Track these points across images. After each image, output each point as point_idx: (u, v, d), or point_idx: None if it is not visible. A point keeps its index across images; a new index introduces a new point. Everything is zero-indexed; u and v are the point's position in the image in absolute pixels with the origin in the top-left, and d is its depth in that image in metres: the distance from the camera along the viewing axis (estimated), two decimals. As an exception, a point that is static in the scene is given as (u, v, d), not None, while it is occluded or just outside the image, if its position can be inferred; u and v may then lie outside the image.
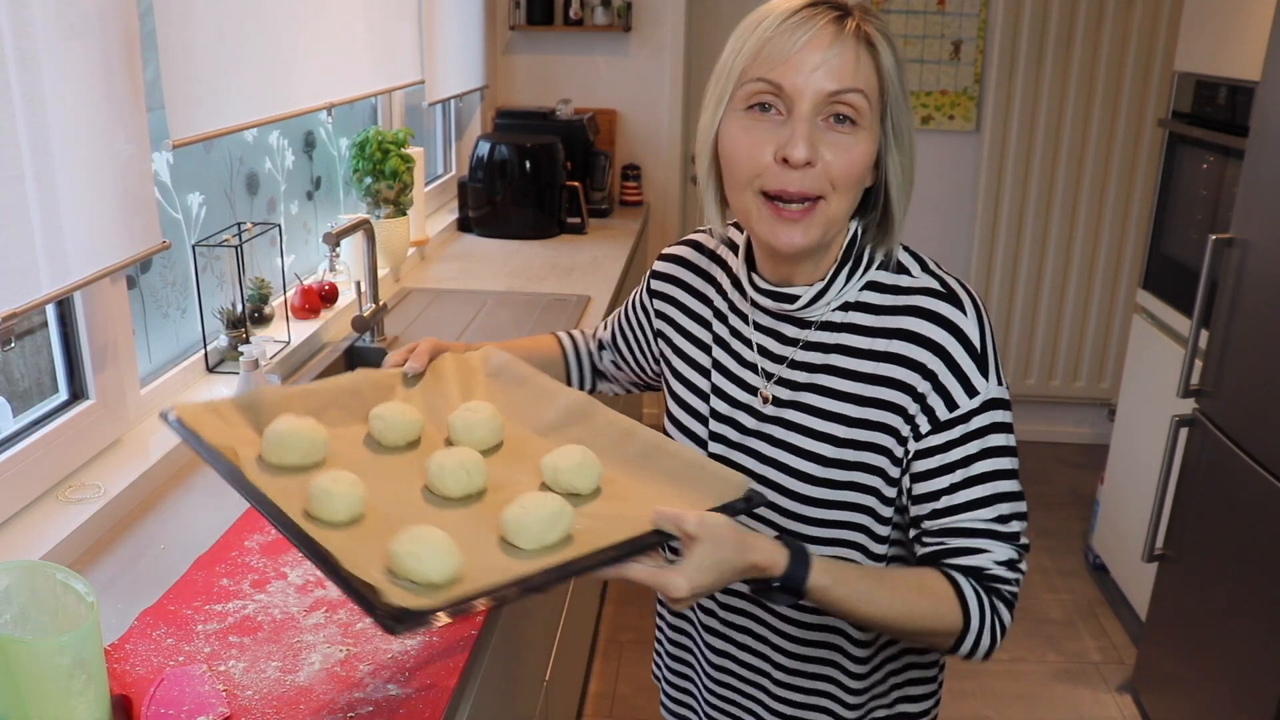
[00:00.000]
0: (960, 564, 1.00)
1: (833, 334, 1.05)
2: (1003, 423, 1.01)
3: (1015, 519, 1.01)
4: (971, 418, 0.99)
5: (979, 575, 1.00)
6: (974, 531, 1.00)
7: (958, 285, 1.03)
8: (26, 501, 1.36)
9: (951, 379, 0.99)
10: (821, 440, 1.04)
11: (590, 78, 3.68)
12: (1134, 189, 3.73)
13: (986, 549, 1.00)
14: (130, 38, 1.43)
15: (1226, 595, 2.17)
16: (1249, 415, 2.11)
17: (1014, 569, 1.01)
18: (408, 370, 1.20)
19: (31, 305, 1.26)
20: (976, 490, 1.00)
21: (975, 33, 3.64)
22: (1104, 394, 3.97)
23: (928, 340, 1.00)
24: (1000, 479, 1.00)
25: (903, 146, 1.00)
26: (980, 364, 0.99)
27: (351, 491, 0.97)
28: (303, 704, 1.03)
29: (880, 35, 0.97)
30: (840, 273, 1.04)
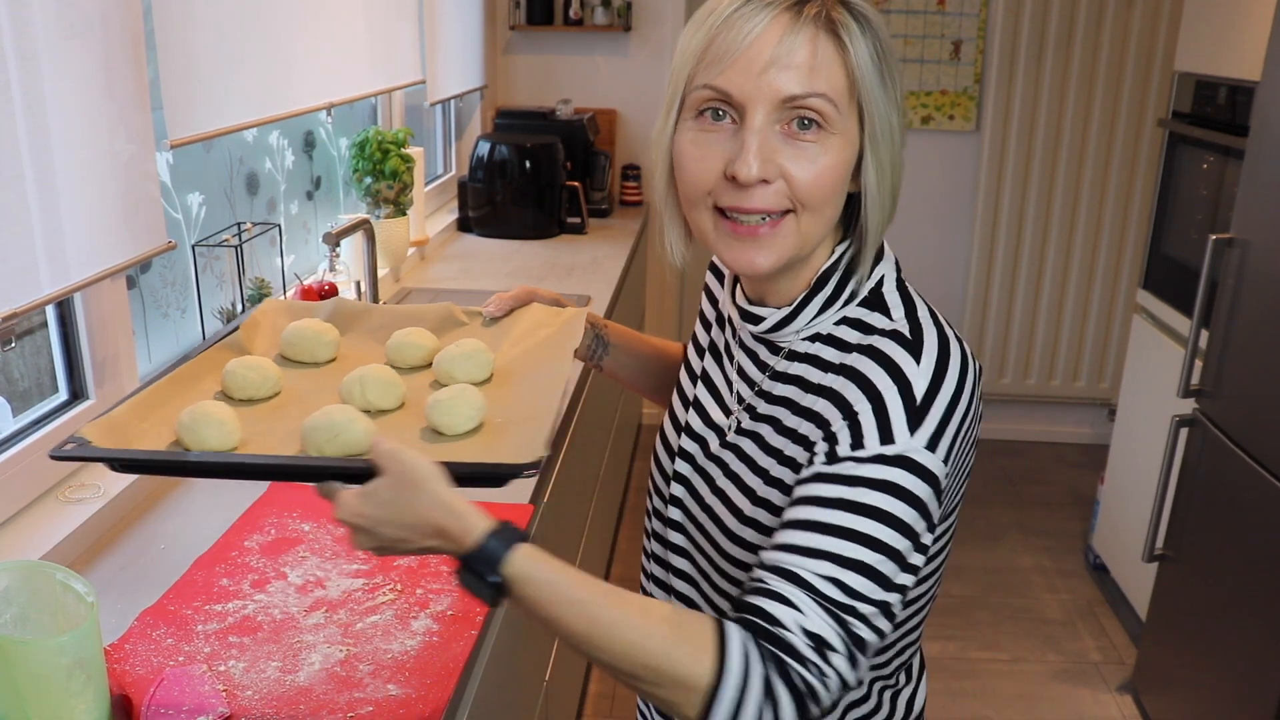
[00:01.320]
0: (755, 603, 0.78)
1: (796, 365, 0.91)
2: (905, 489, 0.79)
3: (861, 602, 0.78)
4: (870, 464, 0.80)
5: (766, 630, 0.76)
6: (796, 579, 0.78)
7: (934, 337, 0.86)
8: (26, 501, 1.36)
9: (871, 420, 0.81)
10: (760, 476, 0.91)
11: (590, 78, 3.68)
12: (1134, 189, 3.73)
13: (796, 605, 0.77)
14: (134, 37, 1.43)
15: (1226, 595, 2.17)
16: (1249, 415, 2.11)
17: (820, 651, 0.76)
18: (485, 313, 1.19)
19: (32, 306, 1.26)
20: (826, 540, 0.79)
21: (975, 33, 3.64)
22: (1104, 394, 3.97)
23: (867, 382, 0.84)
24: (863, 544, 0.78)
25: (881, 152, 0.84)
26: (913, 418, 0.81)
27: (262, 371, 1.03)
28: (303, 704, 1.03)
29: (852, 21, 0.81)
30: (811, 300, 0.90)
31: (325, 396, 1.03)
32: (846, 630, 0.77)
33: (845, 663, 0.77)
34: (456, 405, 0.97)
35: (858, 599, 0.78)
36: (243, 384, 1.04)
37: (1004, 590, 3.10)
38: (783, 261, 0.87)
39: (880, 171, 0.85)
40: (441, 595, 1.23)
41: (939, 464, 0.81)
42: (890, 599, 0.80)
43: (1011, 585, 3.13)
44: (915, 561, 0.82)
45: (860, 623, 0.78)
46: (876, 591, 0.79)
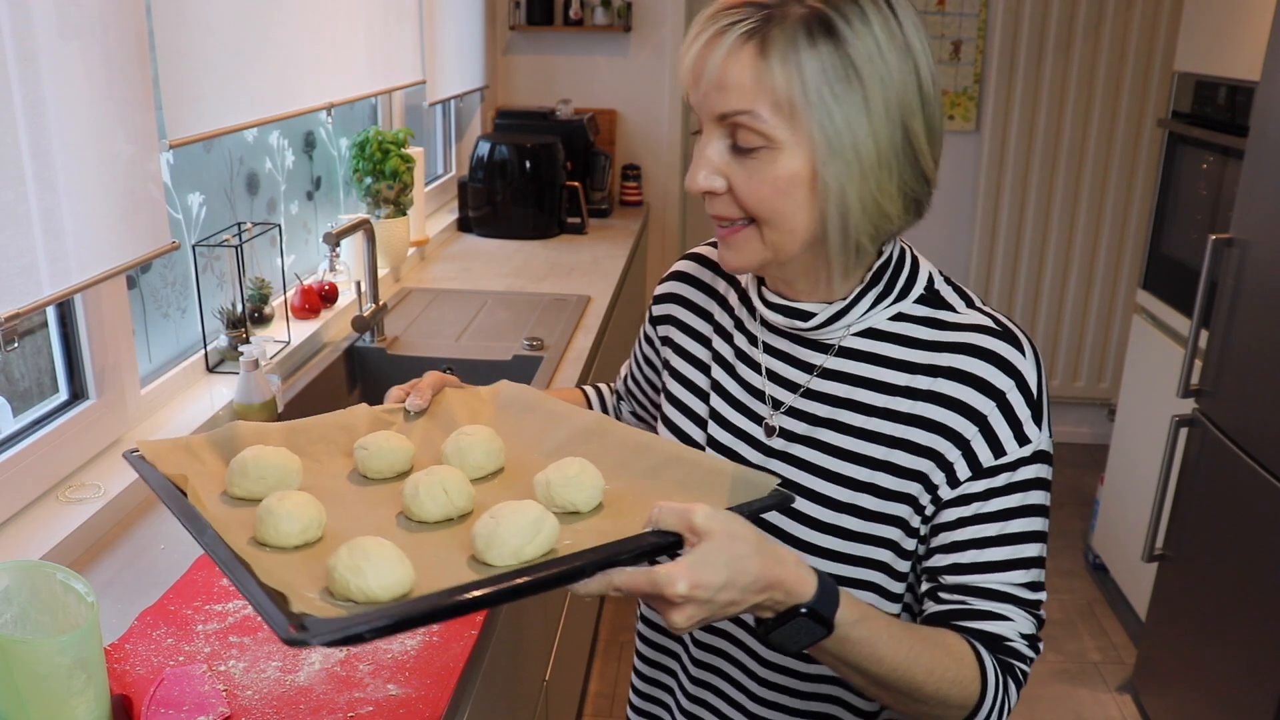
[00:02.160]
0: (979, 628, 0.87)
1: (858, 364, 0.92)
2: (1047, 480, 0.90)
3: (1041, 588, 0.90)
4: (1019, 467, 0.88)
5: (997, 645, 0.87)
6: (1000, 595, 0.88)
7: (1012, 324, 0.91)
8: (27, 501, 1.36)
9: (1004, 424, 0.87)
10: (837, 483, 0.91)
11: (590, 78, 3.69)
12: (1134, 189, 3.73)
13: (1010, 617, 0.88)
14: (135, 37, 1.43)
15: (1226, 595, 2.17)
16: (1249, 415, 2.11)
17: (1033, 645, 0.89)
18: (410, 406, 1.06)
19: (33, 307, 1.26)
20: (1010, 550, 0.88)
21: (975, 33, 3.64)
22: (1104, 394, 3.97)
23: (983, 382, 0.87)
24: (1035, 541, 0.89)
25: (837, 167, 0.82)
26: (1036, 412, 0.88)
27: (301, 511, 0.83)
28: (303, 704, 1.03)
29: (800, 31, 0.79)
30: (866, 295, 0.91)
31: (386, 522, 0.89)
32: (1038, 616, 0.90)
33: (1042, 641, 0.90)
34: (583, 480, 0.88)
35: (1039, 588, 0.90)
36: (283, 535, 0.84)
37: (1004, 590, 3.10)
38: (751, 265, 0.89)
39: (843, 187, 0.83)
40: (441, 595, 1.23)
41: (1052, 445, 0.91)
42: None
43: (1011, 585, 3.13)
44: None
45: (1041, 606, 0.91)
46: (1042, 573, 0.90)
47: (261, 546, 0.83)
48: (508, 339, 2.20)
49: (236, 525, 0.84)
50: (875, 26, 0.82)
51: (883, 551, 0.91)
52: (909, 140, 0.85)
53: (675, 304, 1.09)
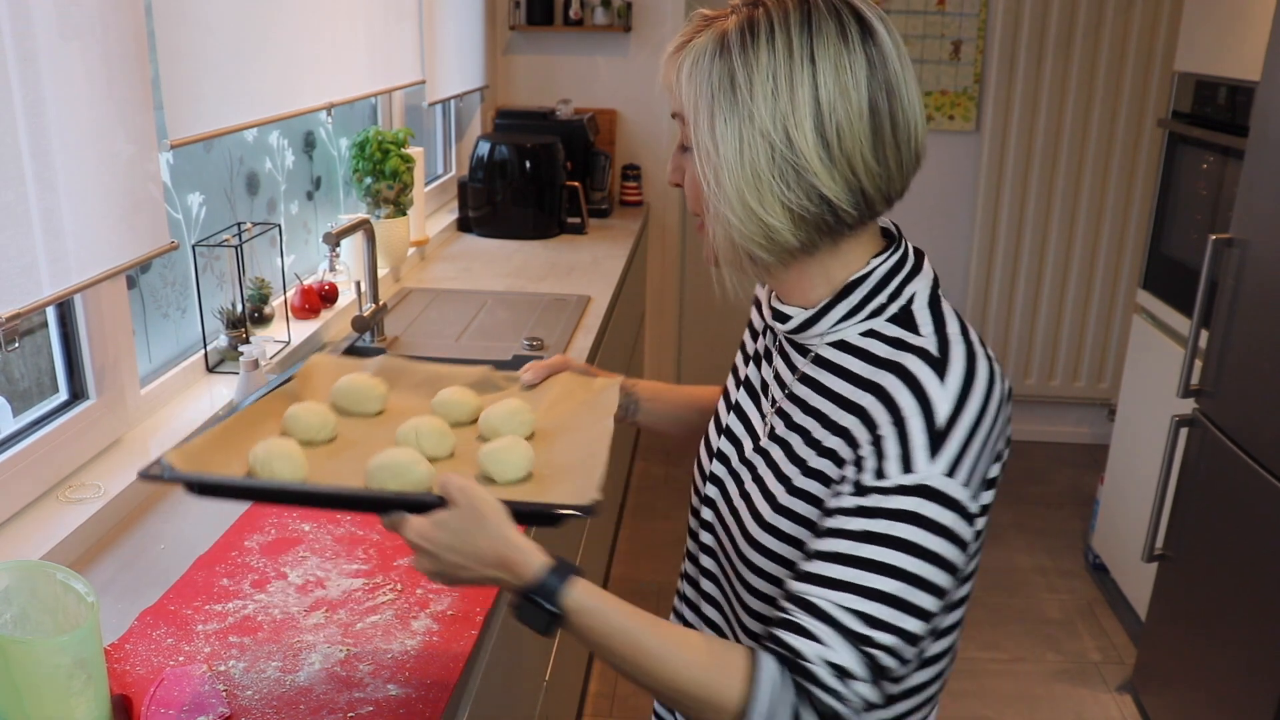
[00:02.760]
0: (781, 638, 0.83)
1: (826, 374, 0.93)
2: (927, 518, 0.81)
3: (883, 631, 0.81)
4: (894, 495, 0.82)
5: (792, 662, 0.81)
6: (818, 612, 0.81)
7: (961, 354, 0.87)
8: (27, 501, 1.36)
9: (895, 446, 0.83)
10: (781, 483, 0.94)
11: (590, 78, 3.69)
12: (1134, 189, 3.73)
13: (820, 638, 0.81)
14: (135, 37, 1.43)
15: (1226, 595, 2.17)
16: (1249, 415, 2.11)
17: (843, 679, 0.80)
18: (523, 381, 1.23)
19: (33, 307, 1.26)
20: (852, 573, 0.82)
21: (975, 33, 3.64)
22: (1104, 394, 3.97)
23: (891, 401, 0.86)
24: (890, 576, 0.81)
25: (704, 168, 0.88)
26: (935, 443, 0.82)
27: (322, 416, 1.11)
28: (302, 704, 1.03)
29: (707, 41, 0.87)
30: (835, 306, 0.92)
31: (379, 443, 1.07)
32: (869, 658, 0.81)
33: (868, 688, 0.81)
34: (509, 455, 1.03)
35: (880, 628, 0.81)
36: (304, 427, 1.10)
37: (1004, 590, 3.10)
38: (709, 259, 0.95)
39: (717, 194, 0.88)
40: (441, 595, 1.23)
41: (959, 488, 0.83)
42: (918, 627, 0.82)
43: (1011, 585, 3.13)
44: (947, 587, 0.84)
45: (883, 651, 0.81)
46: (902, 619, 0.82)
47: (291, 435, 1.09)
48: (508, 339, 2.20)
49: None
50: (776, 44, 0.85)
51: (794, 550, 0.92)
52: (794, 161, 0.85)
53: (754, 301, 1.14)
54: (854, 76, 0.85)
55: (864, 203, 0.89)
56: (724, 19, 0.88)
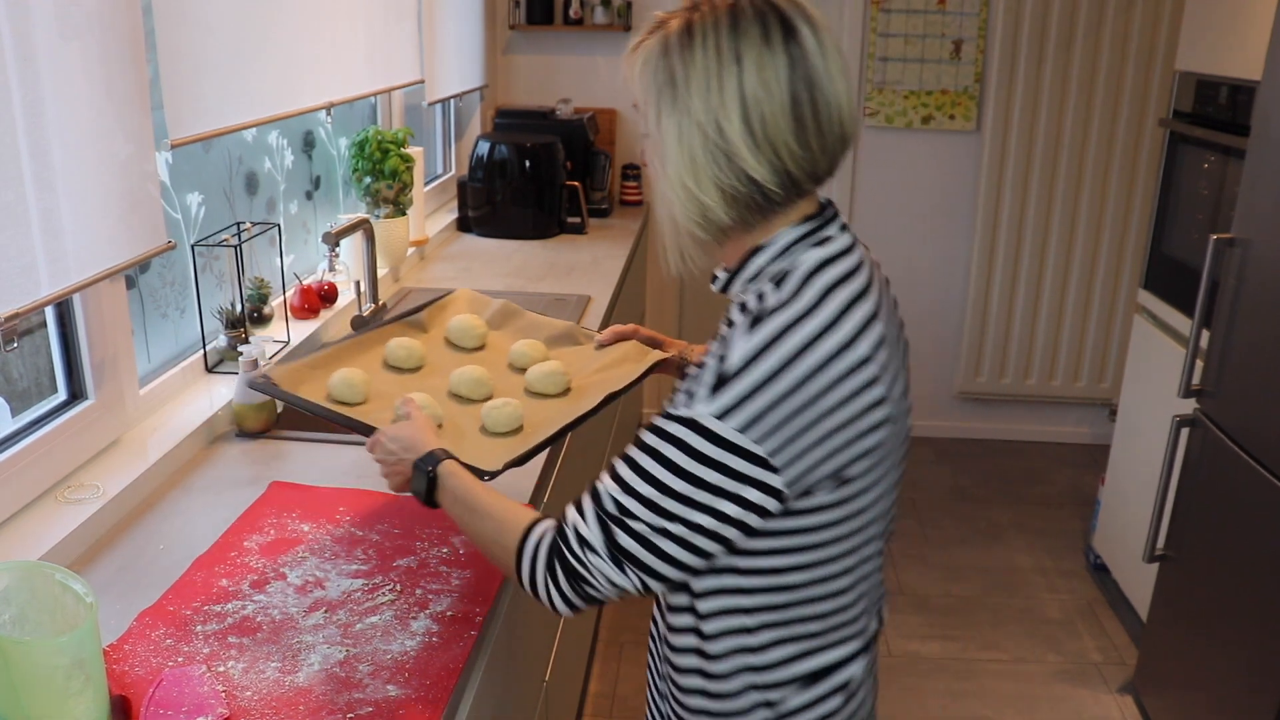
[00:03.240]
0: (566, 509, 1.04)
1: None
2: (689, 445, 0.94)
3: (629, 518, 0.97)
4: (670, 421, 0.96)
5: (559, 525, 1.03)
6: (591, 494, 1.01)
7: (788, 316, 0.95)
8: (25, 502, 1.35)
9: (692, 383, 0.97)
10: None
11: (590, 77, 3.68)
12: (1135, 188, 3.73)
13: (583, 514, 1.01)
14: (134, 37, 1.43)
15: (1227, 595, 2.17)
16: (1250, 415, 2.11)
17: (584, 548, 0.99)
18: (598, 339, 1.48)
19: (32, 307, 1.26)
20: (622, 470, 0.99)
21: (976, 32, 3.63)
22: (1105, 394, 3.97)
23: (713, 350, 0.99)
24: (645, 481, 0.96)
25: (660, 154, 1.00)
26: (717, 384, 0.93)
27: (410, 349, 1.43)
28: (302, 704, 1.03)
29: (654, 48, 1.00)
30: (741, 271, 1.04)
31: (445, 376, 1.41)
32: (609, 537, 0.98)
33: (606, 563, 0.99)
34: (498, 413, 1.32)
35: (627, 516, 0.97)
36: (394, 357, 1.43)
37: (1004, 590, 3.10)
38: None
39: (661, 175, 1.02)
40: (441, 596, 1.23)
41: (731, 431, 0.93)
42: (670, 528, 0.96)
43: (1012, 585, 3.13)
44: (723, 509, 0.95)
45: (625, 535, 0.97)
46: (650, 517, 0.96)
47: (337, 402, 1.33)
48: (508, 339, 2.20)
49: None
50: (708, 46, 0.96)
51: None
52: (724, 148, 0.96)
53: None
54: (775, 73, 0.95)
55: (790, 183, 0.98)
56: (669, 22, 1.00)
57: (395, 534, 1.37)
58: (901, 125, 3.75)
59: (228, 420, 1.71)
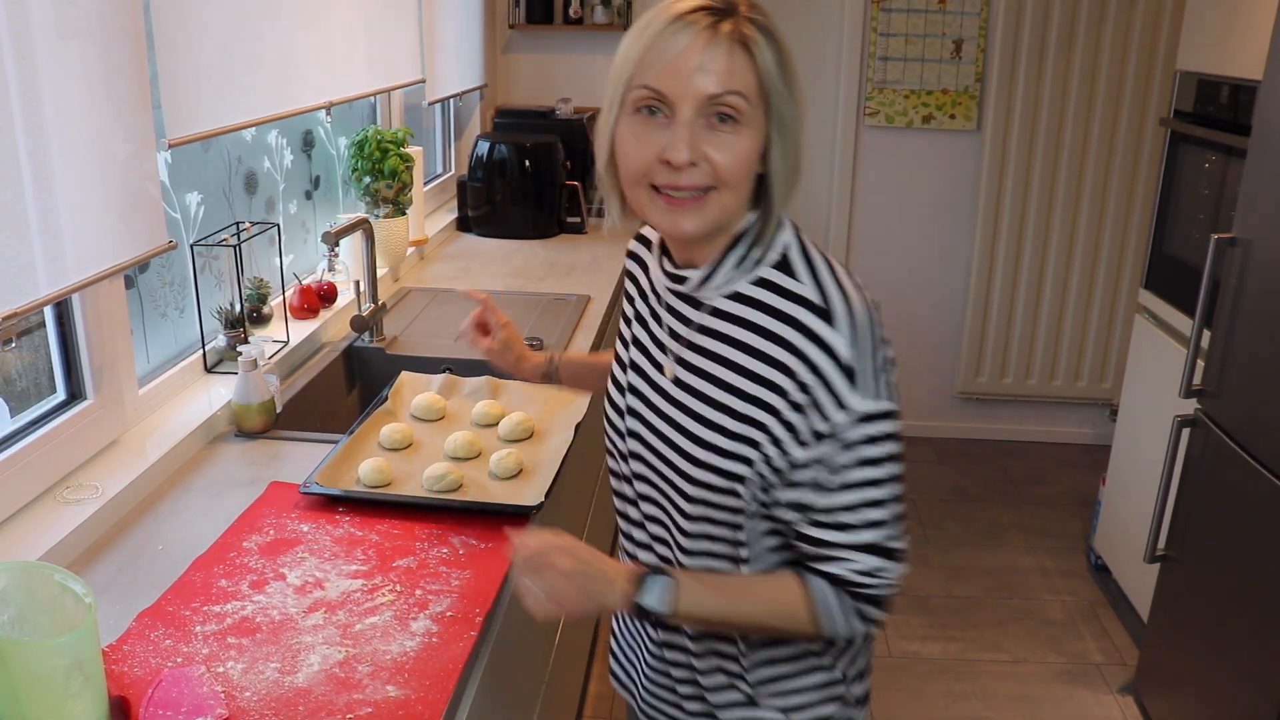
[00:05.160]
0: (822, 570, 1.04)
1: (723, 323, 1.07)
2: (876, 437, 1.01)
3: (879, 528, 1.03)
4: (845, 431, 1.00)
5: (839, 582, 1.04)
6: (836, 544, 1.03)
7: (837, 296, 1.02)
8: (24, 502, 1.35)
9: (824, 394, 0.99)
10: (704, 425, 1.07)
11: (590, 76, 3.68)
12: (1136, 188, 3.73)
13: (847, 558, 1.03)
14: (134, 37, 1.43)
15: (1229, 596, 2.17)
16: (1251, 415, 2.11)
17: (878, 575, 1.03)
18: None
19: (31, 307, 1.25)
20: (839, 497, 1.01)
21: (976, 31, 3.63)
22: (1106, 394, 3.97)
23: (802, 355, 1.00)
24: (868, 487, 1.01)
25: (788, 140, 1.03)
26: (850, 379, 0.99)
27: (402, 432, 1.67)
28: (301, 705, 1.02)
29: (759, 35, 0.99)
30: (726, 259, 1.06)
31: (437, 446, 1.65)
32: (886, 551, 1.02)
33: (894, 568, 1.03)
34: (505, 461, 1.57)
35: (883, 525, 1.02)
36: (390, 441, 1.64)
37: (1005, 591, 3.10)
38: (707, 228, 1.03)
39: (785, 155, 1.03)
40: (440, 596, 1.23)
41: (884, 399, 1.00)
42: (900, 508, 1.04)
43: (1013, 586, 3.13)
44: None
45: (893, 540, 1.03)
46: (892, 510, 1.03)
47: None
48: (508, 339, 2.20)
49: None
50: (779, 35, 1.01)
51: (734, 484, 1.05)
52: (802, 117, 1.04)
53: (628, 277, 1.27)
54: None
55: None
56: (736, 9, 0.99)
57: (395, 534, 1.37)
58: (902, 125, 3.75)
59: (227, 420, 1.70)
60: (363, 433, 1.66)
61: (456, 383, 1.86)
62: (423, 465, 1.56)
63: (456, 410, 1.79)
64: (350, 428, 1.67)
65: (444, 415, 1.77)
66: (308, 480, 1.47)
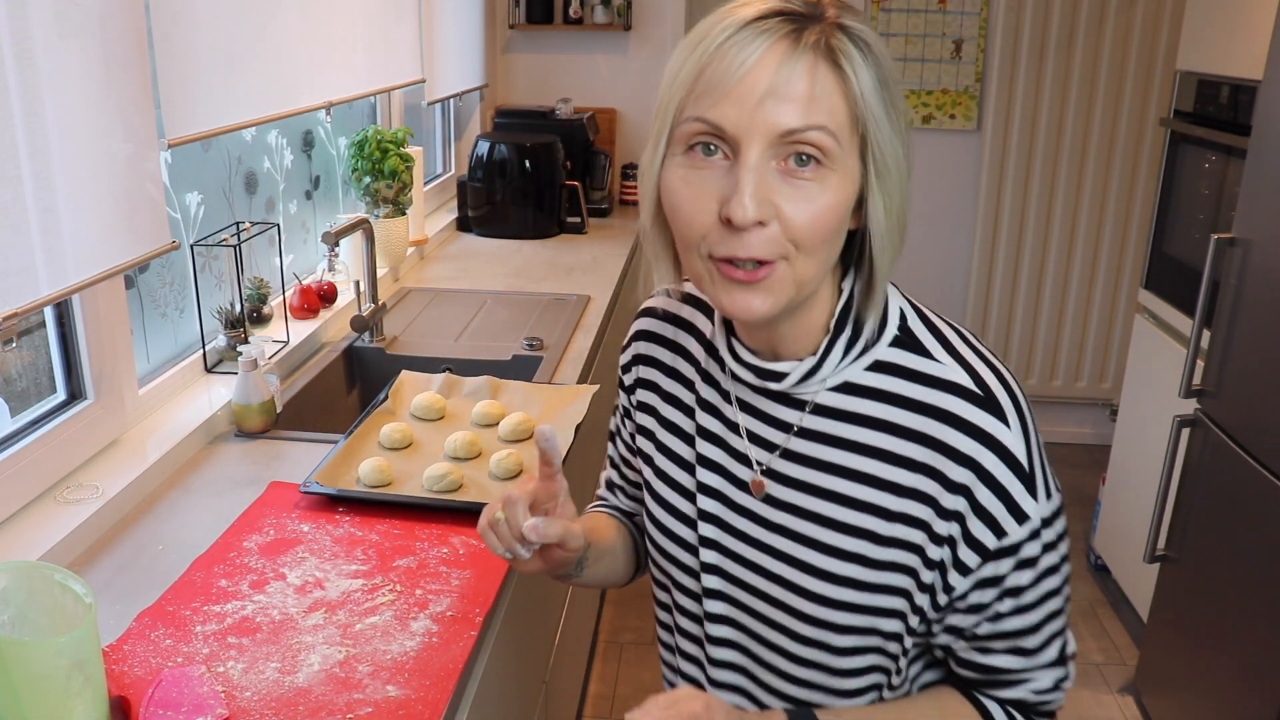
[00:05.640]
0: (998, 695, 0.91)
1: (835, 423, 0.86)
2: (1053, 541, 0.86)
3: (1059, 637, 0.90)
4: (1022, 547, 0.83)
5: (1019, 705, 0.92)
6: (1017, 669, 0.90)
7: (994, 380, 0.83)
8: (24, 502, 1.35)
9: (996, 503, 0.81)
10: (825, 553, 0.87)
11: (590, 77, 3.68)
12: (1136, 188, 3.73)
13: (1027, 679, 0.90)
14: (135, 36, 1.43)
15: (1229, 596, 2.17)
16: (1251, 415, 2.11)
17: (1057, 689, 0.92)
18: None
19: (31, 307, 1.25)
20: (1022, 620, 0.86)
21: (976, 32, 3.63)
22: (1106, 394, 3.97)
23: (963, 456, 0.81)
24: (1049, 599, 0.87)
25: (889, 185, 0.78)
26: (1029, 483, 0.82)
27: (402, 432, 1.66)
28: (301, 705, 1.02)
29: (854, 47, 0.75)
30: (835, 344, 0.84)
31: (437, 445, 1.64)
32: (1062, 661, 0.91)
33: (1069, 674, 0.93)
34: (506, 462, 1.56)
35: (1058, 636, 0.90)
36: (390, 441, 1.64)
37: (1005, 590, 3.10)
38: (780, 306, 0.80)
39: (888, 206, 0.78)
40: (441, 596, 1.23)
41: (1056, 501, 0.86)
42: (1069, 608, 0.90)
43: (1012, 585, 3.12)
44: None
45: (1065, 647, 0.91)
46: (1065, 619, 0.90)
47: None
48: (507, 339, 2.20)
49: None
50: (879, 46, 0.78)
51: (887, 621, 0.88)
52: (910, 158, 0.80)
53: (649, 367, 1.02)
54: None
55: None
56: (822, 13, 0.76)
57: (395, 534, 1.37)
58: (902, 125, 3.75)
59: (227, 420, 1.70)
60: (363, 432, 1.65)
61: (457, 382, 1.86)
62: (423, 465, 1.55)
63: (457, 410, 1.78)
64: (350, 427, 1.66)
65: (444, 415, 1.76)
66: (308, 480, 1.46)
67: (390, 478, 1.51)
